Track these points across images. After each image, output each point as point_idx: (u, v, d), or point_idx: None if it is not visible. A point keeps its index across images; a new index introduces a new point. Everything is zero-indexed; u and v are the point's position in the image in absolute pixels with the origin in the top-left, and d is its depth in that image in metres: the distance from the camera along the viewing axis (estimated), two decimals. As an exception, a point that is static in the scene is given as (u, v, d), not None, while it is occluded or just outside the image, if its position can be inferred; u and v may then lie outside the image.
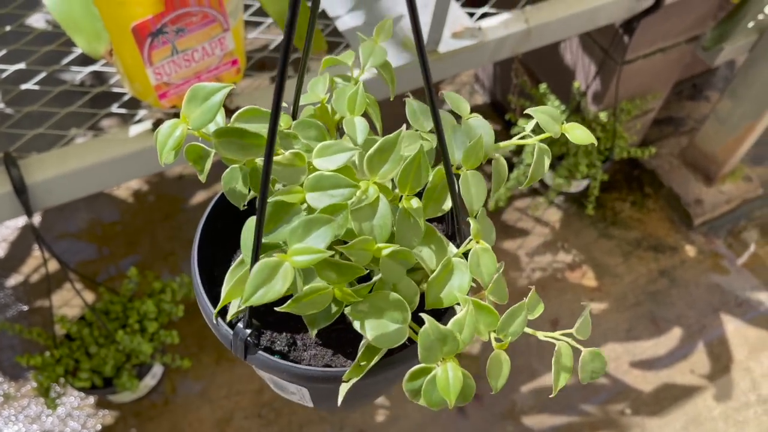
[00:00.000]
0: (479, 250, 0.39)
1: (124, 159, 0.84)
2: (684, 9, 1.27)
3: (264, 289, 0.33)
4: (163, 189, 1.63)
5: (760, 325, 1.53)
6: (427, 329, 0.34)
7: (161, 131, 0.36)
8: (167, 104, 0.80)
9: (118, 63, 0.79)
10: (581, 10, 1.06)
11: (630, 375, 1.44)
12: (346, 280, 0.36)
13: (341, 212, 0.36)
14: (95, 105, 0.95)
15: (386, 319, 0.36)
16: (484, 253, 0.39)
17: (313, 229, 0.34)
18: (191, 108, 0.36)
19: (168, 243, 1.54)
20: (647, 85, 1.48)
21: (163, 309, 1.18)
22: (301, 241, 0.34)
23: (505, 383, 0.37)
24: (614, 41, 1.31)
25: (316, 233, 0.34)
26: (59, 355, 1.15)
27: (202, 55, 0.76)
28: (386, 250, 0.36)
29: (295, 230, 0.34)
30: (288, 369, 0.40)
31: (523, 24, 1.02)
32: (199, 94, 0.36)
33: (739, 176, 1.69)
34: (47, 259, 1.39)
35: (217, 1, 0.72)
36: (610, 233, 1.65)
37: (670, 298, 1.55)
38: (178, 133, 0.36)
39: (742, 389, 1.43)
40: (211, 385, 1.37)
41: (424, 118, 0.42)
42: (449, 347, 0.35)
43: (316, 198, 0.36)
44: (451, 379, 0.34)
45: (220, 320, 0.41)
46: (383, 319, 0.36)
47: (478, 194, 0.40)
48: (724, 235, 1.67)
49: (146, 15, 0.69)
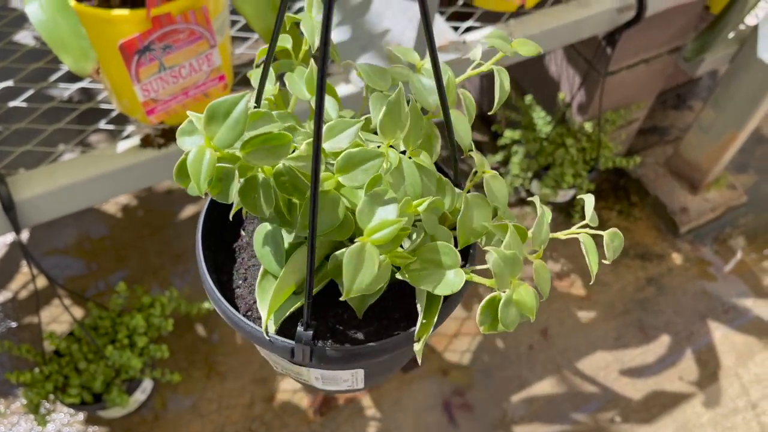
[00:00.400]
0: (489, 179, 0.41)
1: (113, 175, 0.85)
2: (665, 21, 1.29)
3: (360, 276, 0.34)
4: (151, 204, 1.63)
5: (747, 331, 1.54)
6: (497, 258, 0.36)
7: (189, 163, 0.34)
8: (155, 120, 0.80)
9: (106, 80, 0.79)
10: (564, 23, 1.07)
11: (619, 383, 1.45)
12: (396, 245, 0.37)
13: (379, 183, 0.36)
14: (83, 121, 0.95)
15: (441, 268, 0.38)
16: (494, 180, 0.41)
17: (376, 206, 0.35)
18: (214, 128, 0.34)
19: (157, 257, 1.54)
20: (631, 95, 1.51)
21: (152, 323, 1.18)
22: (371, 220, 0.35)
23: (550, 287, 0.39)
24: (597, 53, 1.32)
25: (382, 208, 0.35)
26: (48, 372, 1.14)
27: (189, 71, 0.77)
28: (422, 205, 0.37)
29: (361, 212, 0.35)
30: (358, 352, 0.41)
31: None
32: (219, 110, 0.34)
33: (723, 184, 1.71)
34: (35, 276, 1.39)
35: (203, 18, 0.73)
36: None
37: (657, 306, 1.57)
38: (207, 157, 0.34)
39: (730, 395, 1.44)
40: (202, 400, 1.36)
41: (379, 78, 0.43)
42: (516, 269, 0.37)
43: (351, 177, 0.36)
44: (529, 296, 0.37)
45: (272, 335, 0.41)
46: (438, 269, 0.38)
47: (465, 131, 0.42)
48: (710, 242, 1.69)
49: (133, 32, 0.70)
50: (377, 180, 0.36)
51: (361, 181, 0.36)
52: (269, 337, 0.40)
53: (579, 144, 1.49)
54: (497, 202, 0.41)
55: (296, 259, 0.40)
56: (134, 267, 1.52)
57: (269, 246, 0.41)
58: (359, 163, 0.36)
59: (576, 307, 1.55)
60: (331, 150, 0.37)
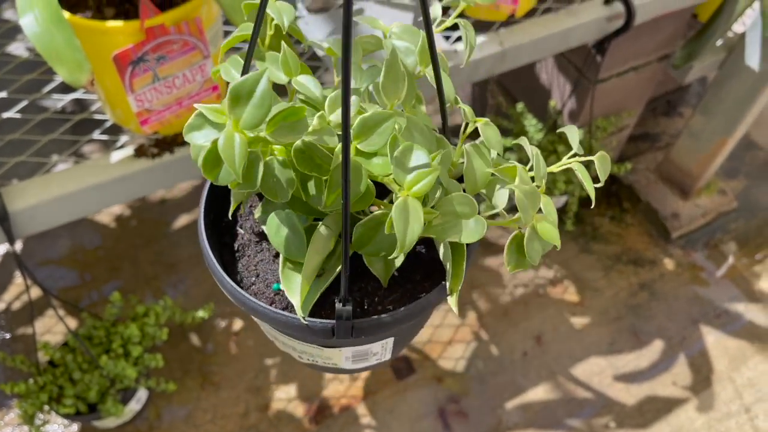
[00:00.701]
0: (483, 127, 0.42)
1: (106, 185, 0.85)
2: (654, 29, 1.31)
3: (410, 228, 0.35)
4: (145, 213, 1.63)
5: (739, 335, 1.55)
6: (520, 195, 0.37)
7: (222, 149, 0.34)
8: (149, 130, 0.81)
9: (100, 91, 0.80)
10: (554, 31, 1.08)
11: (613, 388, 1.45)
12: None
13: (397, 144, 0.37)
14: (77, 131, 0.96)
15: (461, 218, 0.39)
16: (487, 127, 0.42)
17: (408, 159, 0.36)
18: (239, 109, 0.34)
19: (151, 267, 1.54)
20: (622, 102, 1.52)
21: (147, 333, 1.18)
22: (408, 173, 0.36)
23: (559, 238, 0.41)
24: (587, 61, 1.34)
25: (414, 159, 0.36)
26: (43, 382, 1.14)
27: (183, 81, 0.78)
28: (437, 158, 0.38)
29: (397, 167, 0.35)
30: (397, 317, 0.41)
31: (498, 46, 1.04)
32: (242, 91, 0.33)
33: (714, 190, 1.73)
34: (29, 286, 1.38)
35: (197, 29, 0.73)
36: (591, 248, 1.68)
37: (650, 311, 1.58)
38: (238, 141, 0.34)
39: (723, 399, 1.45)
40: (196, 410, 1.36)
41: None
42: (536, 202, 0.39)
43: (369, 143, 0.37)
44: (551, 225, 0.39)
45: (309, 319, 0.40)
46: (459, 219, 0.39)
47: (449, 88, 0.43)
48: (701, 247, 1.70)
49: (127, 44, 0.70)
50: (395, 141, 0.36)
51: (378, 144, 0.37)
52: (307, 321, 0.40)
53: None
54: (494, 148, 0.42)
55: (318, 240, 0.40)
56: (128, 277, 1.52)
57: (287, 233, 0.41)
58: (374, 126, 0.37)
59: (569, 313, 1.56)
60: (337, 121, 0.37)
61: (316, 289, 0.41)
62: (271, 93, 0.33)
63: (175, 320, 1.23)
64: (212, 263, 0.44)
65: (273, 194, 0.38)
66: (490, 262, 1.61)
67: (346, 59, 0.31)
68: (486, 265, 1.61)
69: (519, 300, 1.56)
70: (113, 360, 1.13)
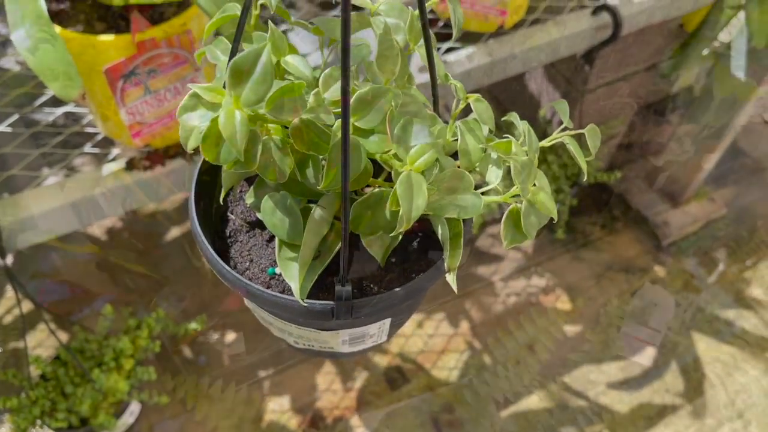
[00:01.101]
0: (474, 102, 0.43)
1: (98, 198, 0.85)
2: (641, 39, 1.32)
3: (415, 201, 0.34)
4: (136, 226, 1.63)
5: (732, 342, 1.56)
6: (516, 166, 0.38)
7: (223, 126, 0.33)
8: (140, 143, 0.81)
9: (91, 104, 0.80)
10: (542, 42, 1.09)
11: (606, 396, 1.46)
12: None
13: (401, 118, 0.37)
14: (68, 145, 0.96)
15: (458, 193, 0.38)
16: (478, 102, 0.42)
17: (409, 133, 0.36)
18: (240, 86, 0.33)
19: (143, 280, 1.53)
20: (611, 111, 1.53)
21: (139, 345, 1.18)
22: (408, 150, 0.36)
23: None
24: (576, 71, 1.35)
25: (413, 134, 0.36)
26: (35, 397, 1.13)
27: (174, 94, 0.78)
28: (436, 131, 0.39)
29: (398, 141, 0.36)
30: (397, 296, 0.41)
31: (487, 57, 1.05)
32: (242, 66, 0.32)
33: (703, 197, 1.74)
34: (21, 300, 1.38)
35: (188, 42, 0.74)
36: (582, 256, 1.68)
37: (642, 319, 1.58)
38: (238, 118, 0.33)
39: (716, 406, 1.45)
40: (189, 422, 1.36)
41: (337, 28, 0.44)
42: (533, 173, 0.39)
43: (367, 120, 0.36)
44: (547, 197, 0.39)
45: (308, 301, 0.40)
46: (457, 195, 0.38)
47: (439, 65, 0.44)
48: (691, 255, 1.71)
49: (118, 57, 0.71)
50: (392, 116, 0.36)
51: (376, 121, 0.36)
52: (307, 304, 0.40)
53: (560, 160, 1.51)
54: (486, 124, 0.42)
55: (314, 221, 0.40)
56: (120, 290, 1.52)
57: (282, 215, 0.40)
58: (372, 102, 0.36)
59: (562, 321, 1.56)
60: (332, 98, 0.37)
61: (314, 271, 0.41)
62: (273, 68, 0.33)
63: (168, 332, 1.23)
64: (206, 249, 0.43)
65: (272, 174, 0.37)
66: (482, 271, 1.62)
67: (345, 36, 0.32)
68: (478, 274, 1.61)
69: (511, 309, 1.56)
70: (105, 373, 1.12)
